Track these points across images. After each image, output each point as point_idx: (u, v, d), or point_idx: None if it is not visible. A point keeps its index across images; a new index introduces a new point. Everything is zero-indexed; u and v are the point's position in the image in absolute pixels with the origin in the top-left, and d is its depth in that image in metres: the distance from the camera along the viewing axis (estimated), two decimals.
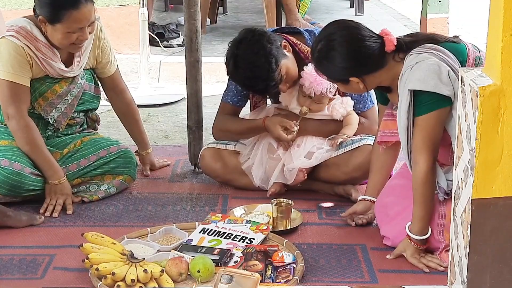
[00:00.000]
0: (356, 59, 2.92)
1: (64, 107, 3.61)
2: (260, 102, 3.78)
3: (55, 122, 3.61)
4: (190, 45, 3.99)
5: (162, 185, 3.85)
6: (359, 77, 2.95)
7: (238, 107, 3.77)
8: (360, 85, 2.97)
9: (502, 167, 2.23)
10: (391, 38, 2.94)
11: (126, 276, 2.69)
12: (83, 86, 3.66)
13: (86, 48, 3.59)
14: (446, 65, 2.81)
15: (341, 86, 3.07)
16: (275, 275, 2.78)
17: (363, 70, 2.95)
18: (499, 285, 2.32)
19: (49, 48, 3.46)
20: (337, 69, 2.97)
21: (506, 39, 2.13)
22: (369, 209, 3.28)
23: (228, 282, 2.28)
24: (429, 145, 2.84)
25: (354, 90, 3.06)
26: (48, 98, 3.55)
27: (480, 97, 2.17)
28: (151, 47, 6.69)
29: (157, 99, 5.77)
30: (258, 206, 3.45)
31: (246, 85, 3.52)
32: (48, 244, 3.16)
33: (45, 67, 3.48)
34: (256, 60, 3.37)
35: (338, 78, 3.02)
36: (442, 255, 2.92)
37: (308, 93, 3.53)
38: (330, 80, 3.10)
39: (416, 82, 2.80)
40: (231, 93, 3.73)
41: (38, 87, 3.53)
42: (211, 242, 3.05)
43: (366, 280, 2.84)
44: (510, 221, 2.26)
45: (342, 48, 2.93)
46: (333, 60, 2.94)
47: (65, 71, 3.54)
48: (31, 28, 3.44)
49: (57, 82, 3.56)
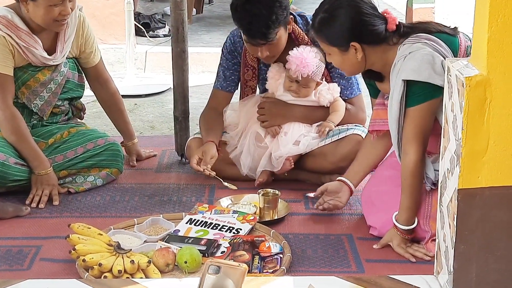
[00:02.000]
0: (361, 22, 2.90)
1: (47, 95, 3.59)
2: (249, 86, 3.77)
3: (39, 111, 3.60)
4: (176, 35, 3.98)
5: (149, 175, 3.85)
6: (360, 43, 2.92)
7: (228, 92, 3.77)
8: (358, 54, 2.93)
9: (488, 157, 2.23)
10: (394, 17, 2.94)
11: (113, 267, 2.68)
12: (66, 74, 3.65)
13: (69, 37, 3.58)
14: (439, 55, 2.81)
15: (338, 55, 2.99)
16: (262, 265, 2.78)
17: (365, 37, 2.91)
18: (485, 274, 2.33)
19: (30, 36, 3.44)
20: (341, 29, 2.92)
21: (492, 30, 2.13)
22: (340, 191, 3.26)
23: (215, 273, 2.28)
24: (420, 136, 2.84)
25: (349, 61, 2.98)
26: (31, 87, 3.54)
27: (466, 87, 2.18)
28: (137, 37, 6.67)
29: (143, 90, 5.76)
30: (245, 196, 3.45)
31: (245, 25, 3.45)
32: (34, 235, 3.14)
33: (28, 56, 3.47)
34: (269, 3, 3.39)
35: (339, 41, 2.95)
36: (428, 244, 2.93)
37: (295, 77, 3.53)
38: (329, 45, 3.00)
39: (410, 72, 2.80)
40: (221, 79, 3.75)
41: (21, 76, 3.51)
42: (198, 232, 3.05)
43: (353, 270, 2.84)
44: (496, 211, 2.27)
45: (349, 9, 2.90)
46: (339, 19, 2.91)
47: (47, 59, 3.52)
48: (12, 17, 3.42)
49: (39, 70, 3.55)
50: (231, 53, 3.73)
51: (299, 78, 3.53)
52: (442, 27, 2.98)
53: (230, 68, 3.74)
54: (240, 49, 3.70)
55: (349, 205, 3.42)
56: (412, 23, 3.10)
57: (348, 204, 3.42)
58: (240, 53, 3.70)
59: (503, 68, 2.17)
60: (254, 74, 3.72)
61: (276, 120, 3.64)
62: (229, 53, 3.73)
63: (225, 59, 3.75)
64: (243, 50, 3.68)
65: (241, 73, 3.73)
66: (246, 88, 3.77)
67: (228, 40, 3.75)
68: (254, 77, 3.73)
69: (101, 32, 6.33)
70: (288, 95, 3.64)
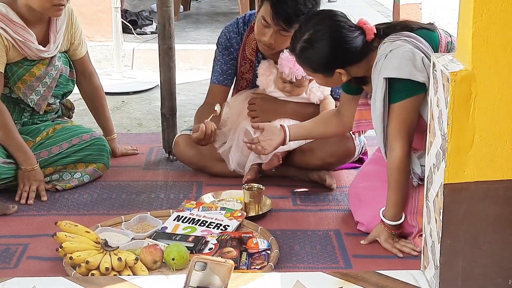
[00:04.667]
0: (343, 49, 2.88)
1: (43, 89, 3.59)
2: (244, 79, 3.77)
3: (35, 105, 3.59)
4: (163, 32, 3.98)
5: (136, 172, 3.84)
6: (344, 67, 2.93)
7: (225, 86, 3.76)
8: (344, 77, 2.94)
9: (473, 152, 2.24)
10: (371, 27, 2.93)
11: (100, 264, 2.68)
12: (60, 68, 3.65)
13: (61, 28, 3.59)
14: (420, 51, 2.82)
15: (322, 78, 3.00)
16: (250, 262, 2.79)
17: (348, 61, 2.92)
18: (471, 268, 2.34)
19: (25, 29, 3.44)
20: (323, 60, 2.91)
21: (477, 25, 2.14)
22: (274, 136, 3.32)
23: (202, 269, 2.28)
24: (405, 132, 2.84)
25: (334, 82, 3.02)
26: (27, 81, 3.53)
27: (451, 82, 2.19)
28: (124, 34, 6.66)
29: (130, 87, 5.76)
30: (223, 192, 3.46)
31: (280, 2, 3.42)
32: (21, 233, 3.13)
33: (23, 50, 3.46)
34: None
35: (323, 70, 2.95)
36: (415, 240, 2.94)
37: (289, 79, 3.53)
38: (313, 72, 3.00)
39: (391, 70, 2.80)
40: (216, 73, 3.74)
41: (17, 71, 3.50)
42: (185, 229, 3.05)
43: (341, 266, 2.85)
44: (481, 205, 2.28)
45: (330, 39, 2.87)
46: (320, 50, 2.88)
47: (42, 51, 3.52)
48: (6, 11, 3.41)
49: (34, 65, 3.54)
50: (227, 49, 3.71)
51: (293, 80, 3.53)
52: (420, 24, 2.99)
53: (227, 63, 3.72)
54: (237, 45, 3.69)
55: (337, 201, 3.43)
56: (389, 23, 3.10)
57: (336, 200, 3.44)
58: (237, 48, 3.69)
59: (488, 63, 2.17)
60: (251, 67, 3.72)
61: (267, 116, 3.64)
62: (224, 49, 3.71)
63: (221, 54, 3.73)
64: (242, 44, 3.68)
65: (238, 66, 3.73)
66: (241, 81, 3.77)
67: (222, 36, 3.74)
68: (251, 70, 3.73)
69: (88, 29, 6.30)
70: (279, 91, 3.64)
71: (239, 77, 3.76)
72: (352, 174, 3.66)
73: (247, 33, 3.66)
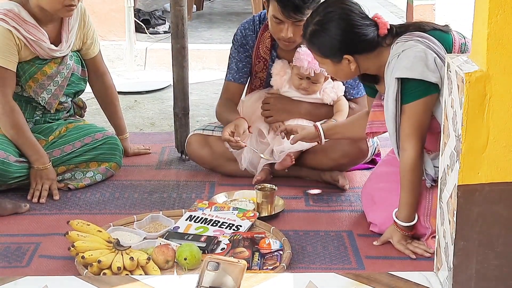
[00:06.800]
0: (353, 34, 2.88)
1: (54, 88, 3.59)
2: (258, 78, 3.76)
3: (46, 104, 3.60)
4: (176, 31, 3.98)
5: (149, 172, 3.84)
6: (353, 55, 2.92)
7: (241, 84, 3.75)
8: (352, 65, 2.93)
9: (488, 153, 2.23)
10: (385, 22, 2.93)
11: (112, 264, 2.68)
12: (72, 67, 3.66)
13: (73, 27, 3.59)
14: (432, 52, 2.81)
15: (331, 65, 2.99)
16: (262, 262, 2.78)
17: (358, 48, 2.90)
18: (485, 270, 2.33)
19: (38, 29, 3.44)
20: (333, 43, 2.90)
21: (492, 26, 2.13)
22: (313, 138, 3.35)
23: (215, 270, 2.27)
24: (417, 132, 2.83)
25: (342, 71, 2.99)
26: (39, 80, 3.54)
27: (466, 83, 2.17)
28: (137, 33, 6.68)
29: (143, 86, 5.77)
30: (236, 192, 3.46)
31: None
32: (33, 232, 3.14)
33: (35, 49, 3.47)
34: None
35: (332, 54, 2.94)
36: (428, 241, 2.93)
37: (307, 74, 3.53)
38: (322, 57, 2.98)
39: (403, 70, 2.79)
40: (233, 71, 3.73)
41: (28, 69, 3.51)
42: (198, 229, 3.05)
43: (353, 267, 2.84)
44: (495, 207, 2.27)
45: (340, 21, 2.88)
46: (330, 32, 2.88)
47: (54, 51, 3.53)
48: (19, 11, 3.42)
49: (46, 63, 3.55)
50: (242, 46, 3.71)
51: (311, 74, 3.52)
52: (434, 25, 2.98)
53: (243, 60, 3.72)
54: (252, 43, 3.69)
55: (349, 202, 3.42)
56: (403, 24, 3.09)
57: (348, 201, 3.43)
58: (252, 46, 3.69)
59: (503, 64, 2.16)
60: (265, 66, 3.71)
61: (281, 115, 3.63)
62: (240, 46, 3.71)
63: (236, 52, 3.72)
64: (257, 42, 3.67)
65: (252, 64, 3.72)
66: (255, 79, 3.77)
67: (238, 32, 3.73)
68: (265, 69, 3.72)
69: (101, 28, 6.31)
70: (293, 91, 3.64)
71: (253, 76, 3.76)
72: (365, 175, 3.64)
73: (261, 31, 3.65)
